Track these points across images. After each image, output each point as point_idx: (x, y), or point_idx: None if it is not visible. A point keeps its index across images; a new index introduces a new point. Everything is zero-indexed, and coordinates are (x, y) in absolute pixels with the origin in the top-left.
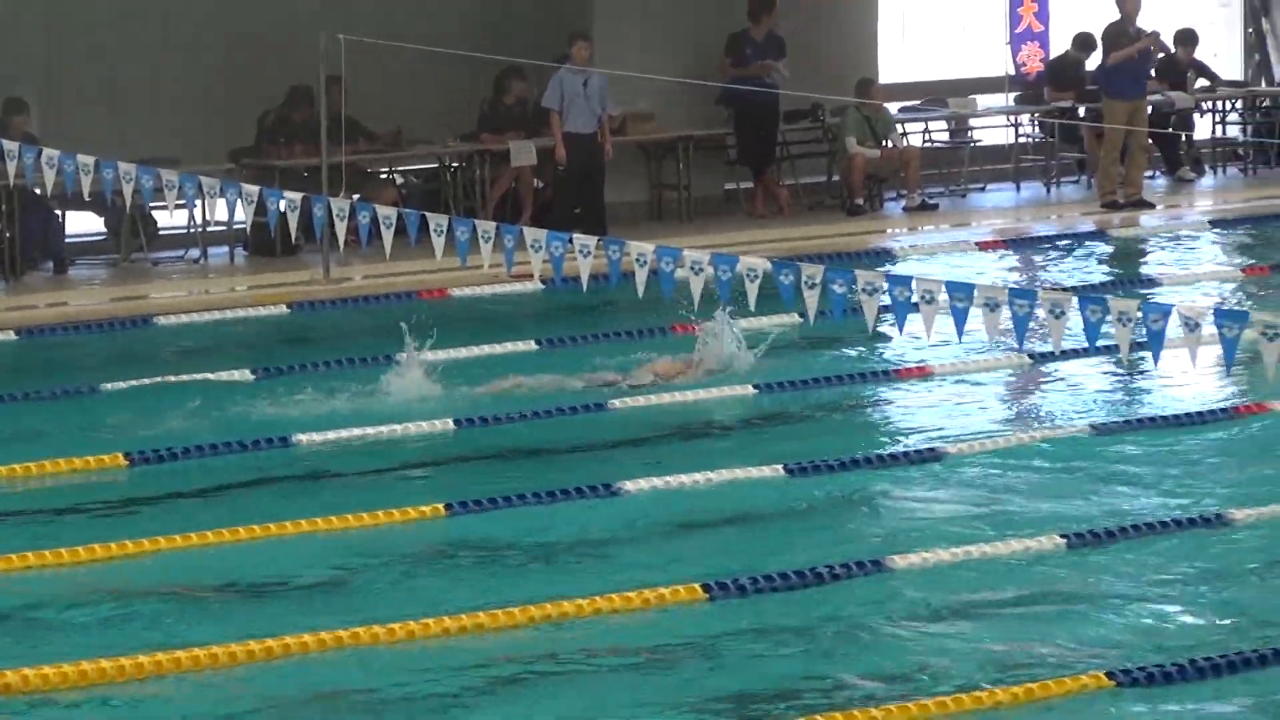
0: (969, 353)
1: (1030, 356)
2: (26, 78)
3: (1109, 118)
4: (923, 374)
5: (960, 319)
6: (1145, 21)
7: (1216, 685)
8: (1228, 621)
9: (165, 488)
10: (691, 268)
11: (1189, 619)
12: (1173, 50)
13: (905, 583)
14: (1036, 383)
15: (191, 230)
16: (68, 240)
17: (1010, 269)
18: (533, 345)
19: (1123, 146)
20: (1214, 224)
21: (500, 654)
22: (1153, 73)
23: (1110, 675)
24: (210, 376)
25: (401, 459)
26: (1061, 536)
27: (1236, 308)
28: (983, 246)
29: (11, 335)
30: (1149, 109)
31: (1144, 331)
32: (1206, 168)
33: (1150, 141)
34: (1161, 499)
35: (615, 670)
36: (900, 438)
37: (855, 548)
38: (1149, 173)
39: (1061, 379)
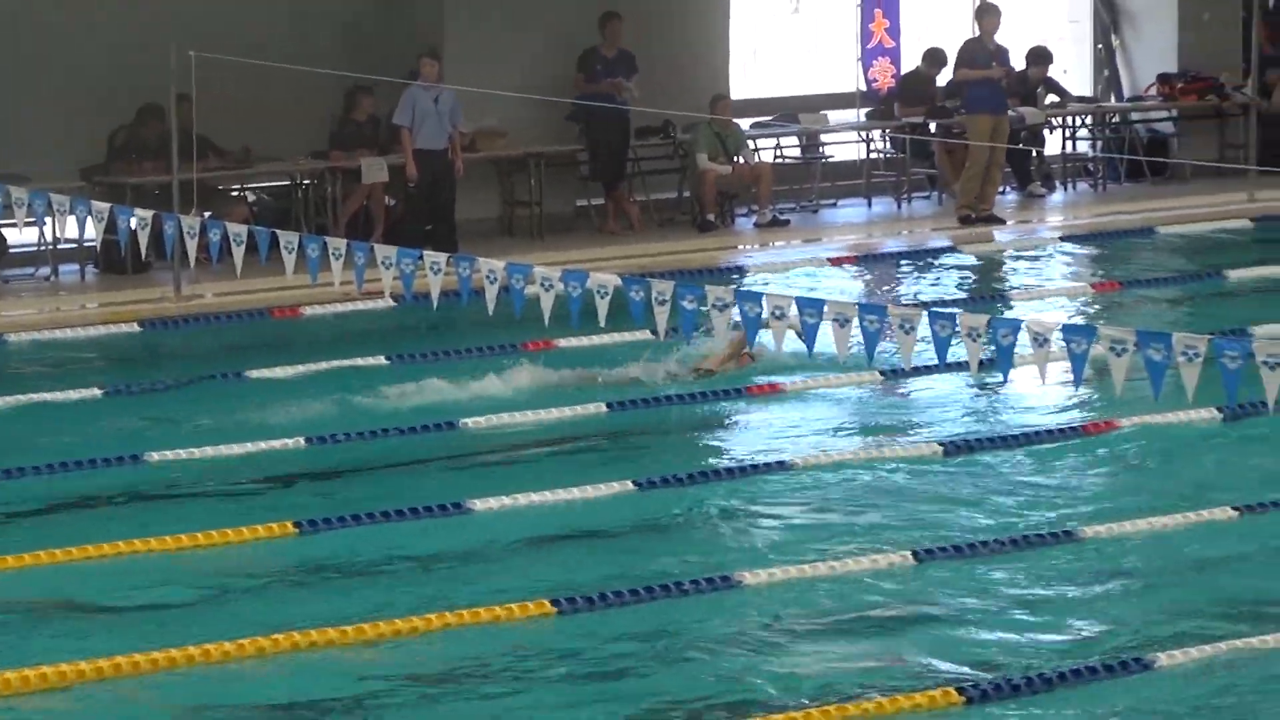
0: (820, 369)
1: (881, 372)
2: None
3: (972, 133)
4: (774, 390)
5: (810, 335)
6: (1004, 38)
7: (1064, 699)
8: (1076, 636)
9: (8, 506)
10: (542, 284)
11: (1038, 634)
12: (1022, 69)
13: (755, 597)
14: (887, 398)
15: (42, 248)
16: None
17: (861, 284)
18: (383, 361)
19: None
20: (1064, 239)
21: (350, 671)
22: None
23: (959, 690)
24: (60, 395)
25: (252, 477)
26: (910, 552)
27: (1085, 323)
28: (834, 262)
29: None
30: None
31: (993, 347)
32: (1057, 183)
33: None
34: (1010, 515)
35: (465, 686)
36: (750, 453)
37: (705, 563)
38: (1001, 189)
39: (912, 394)
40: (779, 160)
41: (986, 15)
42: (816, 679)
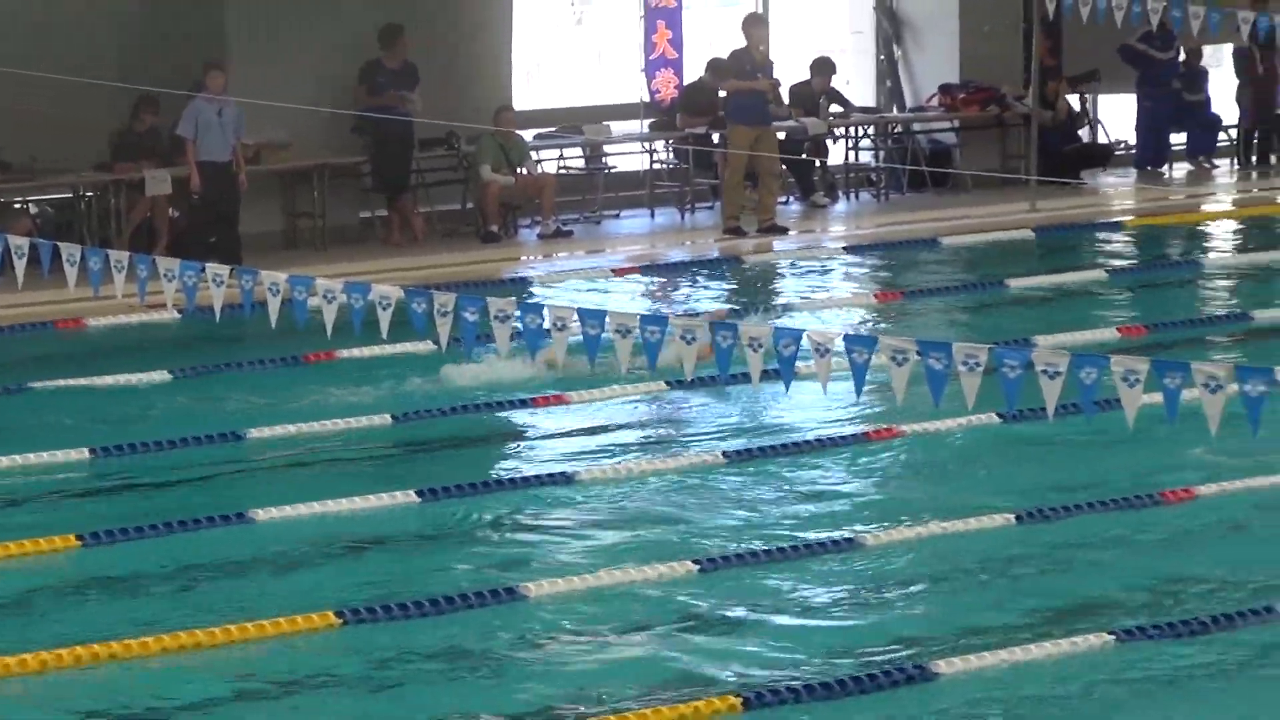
0: (605, 379)
1: (666, 383)
2: None
3: (734, 144)
4: (559, 401)
5: (593, 346)
6: (786, 48)
7: (847, 706)
8: (859, 643)
9: None
10: (325, 296)
11: (820, 641)
12: (805, 79)
13: (539, 608)
14: (671, 409)
15: None
16: None
17: (645, 295)
18: (167, 375)
19: (752, 173)
20: (848, 249)
21: (134, 684)
22: (786, 99)
23: (741, 698)
24: None
25: (33, 489)
26: (694, 561)
27: (867, 333)
28: (618, 273)
29: None
30: (783, 135)
31: (776, 357)
32: (840, 193)
33: (784, 167)
34: (793, 522)
35: (248, 700)
36: (535, 464)
37: (489, 574)
38: (783, 198)
39: (695, 405)
40: (562, 171)
41: (754, 27)
42: (600, 688)
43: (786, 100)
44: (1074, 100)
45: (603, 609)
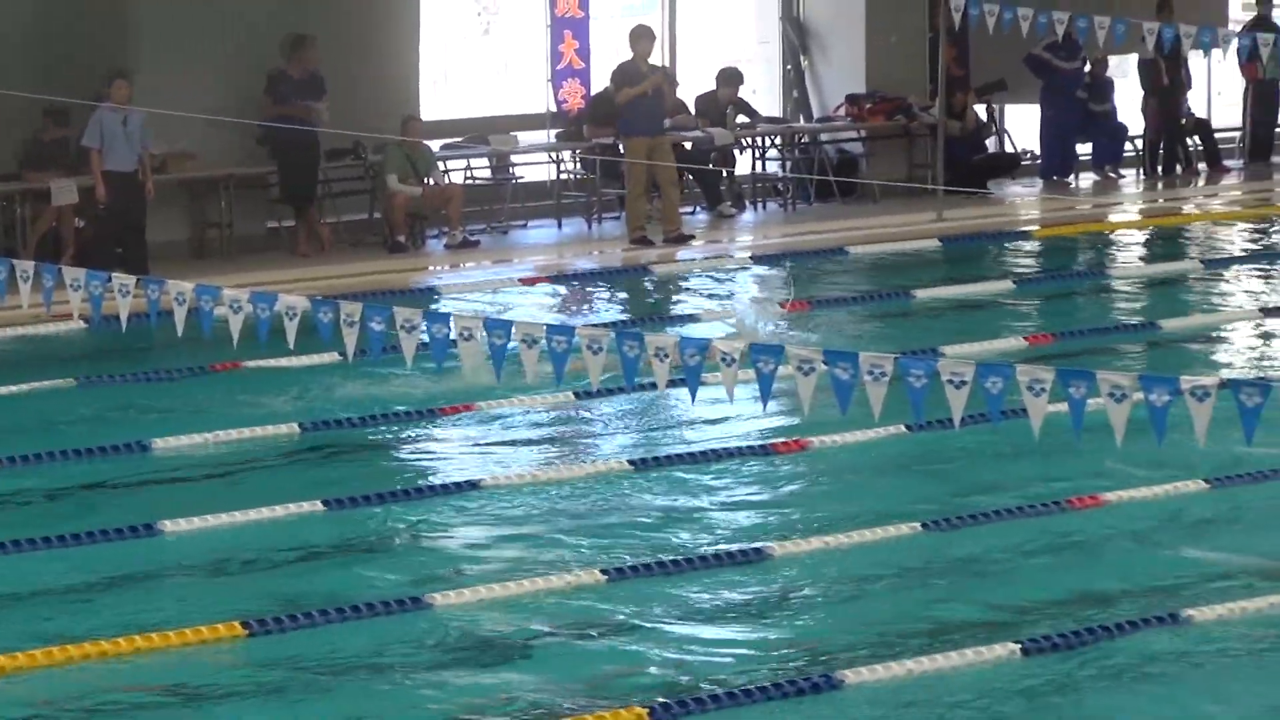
0: (512, 389)
1: (574, 393)
2: None
3: (630, 156)
4: (467, 410)
5: (499, 356)
6: (693, 59)
7: (754, 716)
8: (766, 653)
9: None
10: (230, 306)
11: (728, 652)
12: (711, 89)
13: (446, 618)
14: (579, 418)
15: None
16: None
17: (552, 305)
18: (73, 383)
19: (653, 184)
20: (755, 259)
21: (35, 696)
22: (693, 109)
23: (648, 709)
24: None
25: None
26: (602, 571)
27: (774, 343)
28: (525, 283)
29: None
30: (689, 145)
31: (683, 367)
32: (747, 203)
33: (690, 177)
34: (700, 533)
35: (154, 710)
36: (442, 473)
37: (396, 584)
38: (690, 208)
39: (602, 414)
40: (469, 181)
41: (639, 39)
42: (508, 698)
43: (693, 110)
44: (981, 110)
45: (509, 619)
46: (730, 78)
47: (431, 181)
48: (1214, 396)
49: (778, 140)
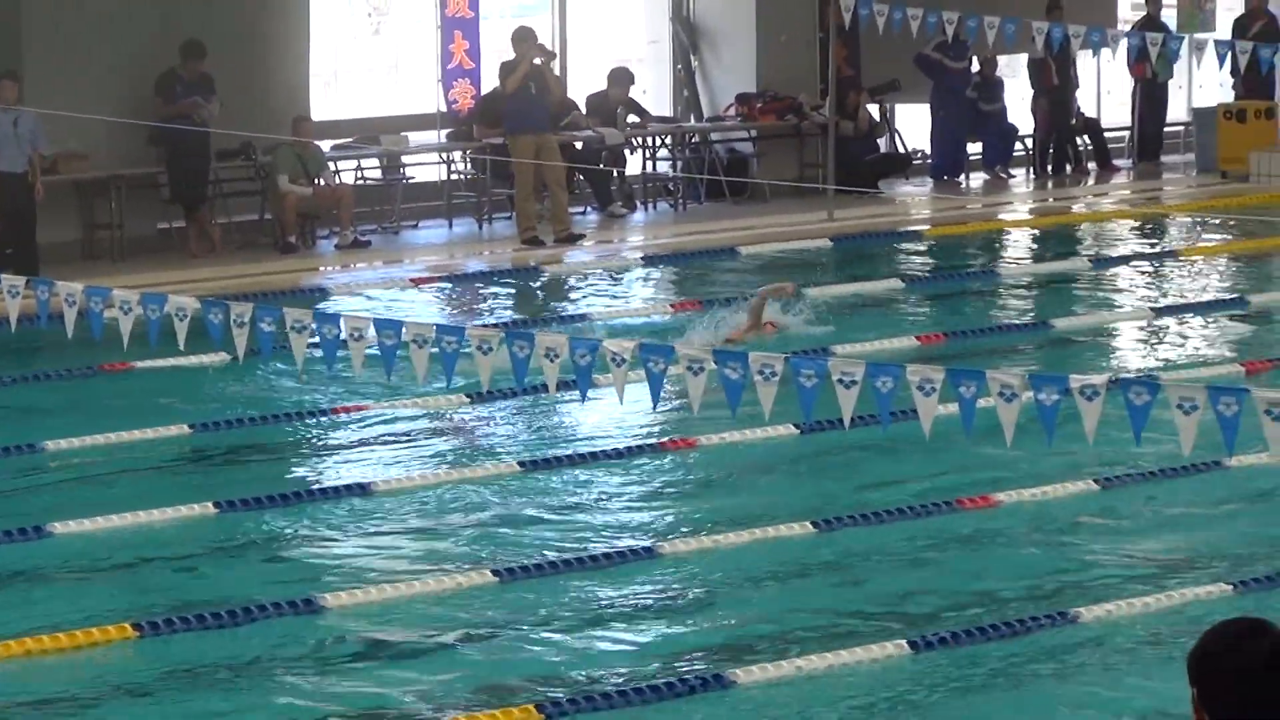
0: (403, 390)
1: (467, 395)
2: None
3: (515, 154)
4: (359, 410)
5: (389, 356)
6: (583, 59)
7: (645, 715)
8: (657, 653)
9: None
10: (121, 307)
11: (620, 651)
12: (602, 89)
13: (337, 619)
14: (468, 419)
15: None
16: None
17: (443, 306)
18: None
19: (543, 184)
20: (646, 259)
21: None
22: (583, 109)
23: (539, 708)
24: None
25: None
26: (493, 572)
27: (663, 343)
28: (416, 283)
29: None
30: (578, 145)
31: (573, 367)
32: (638, 203)
33: (581, 177)
34: (591, 532)
35: (44, 712)
36: (333, 475)
37: (287, 585)
38: (581, 209)
39: (493, 415)
40: (360, 182)
41: (521, 41)
42: (400, 699)
43: (584, 110)
44: (873, 110)
45: (401, 619)
46: (620, 78)
47: (322, 182)
48: (1103, 395)
49: (668, 140)
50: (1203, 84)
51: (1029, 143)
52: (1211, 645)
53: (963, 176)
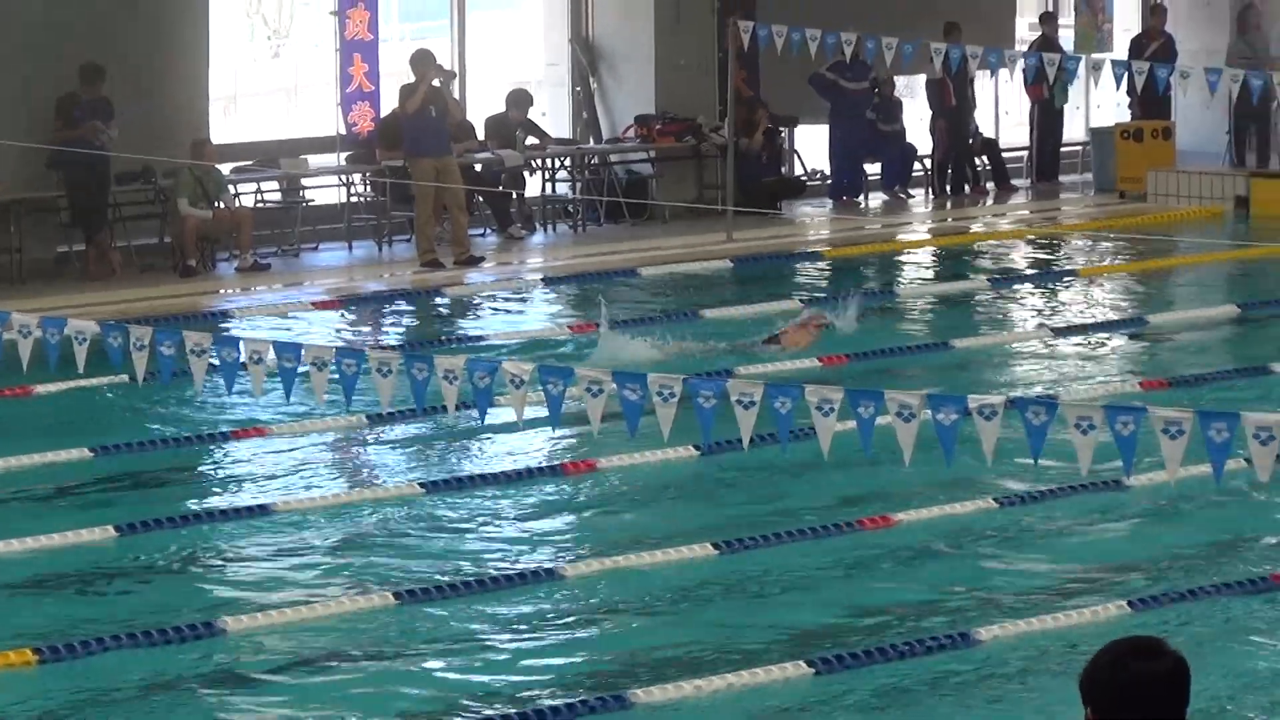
0: (304, 413)
1: (367, 417)
2: None
3: (416, 177)
4: (260, 434)
5: (289, 379)
6: (481, 80)
7: None
8: (558, 674)
9: None
10: (20, 331)
11: (520, 671)
12: (501, 111)
13: (239, 642)
14: (369, 441)
15: None
16: None
17: (343, 328)
18: None
19: (443, 206)
20: (546, 281)
21: None
22: (482, 132)
23: None
24: None
25: None
26: (394, 595)
27: (562, 365)
28: (317, 306)
29: None
30: (477, 167)
31: (471, 389)
32: (537, 225)
33: (480, 199)
34: (492, 554)
35: None
36: (236, 496)
37: (188, 608)
38: (480, 231)
39: (394, 436)
40: (260, 204)
41: (419, 63)
42: None
43: (481, 135)
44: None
45: (302, 642)
46: (519, 99)
47: (222, 205)
48: (1001, 415)
49: (567, 162)
50: (1100, 104)
51: (928, 163)
52: (1104, 665)
53: (862, 197)
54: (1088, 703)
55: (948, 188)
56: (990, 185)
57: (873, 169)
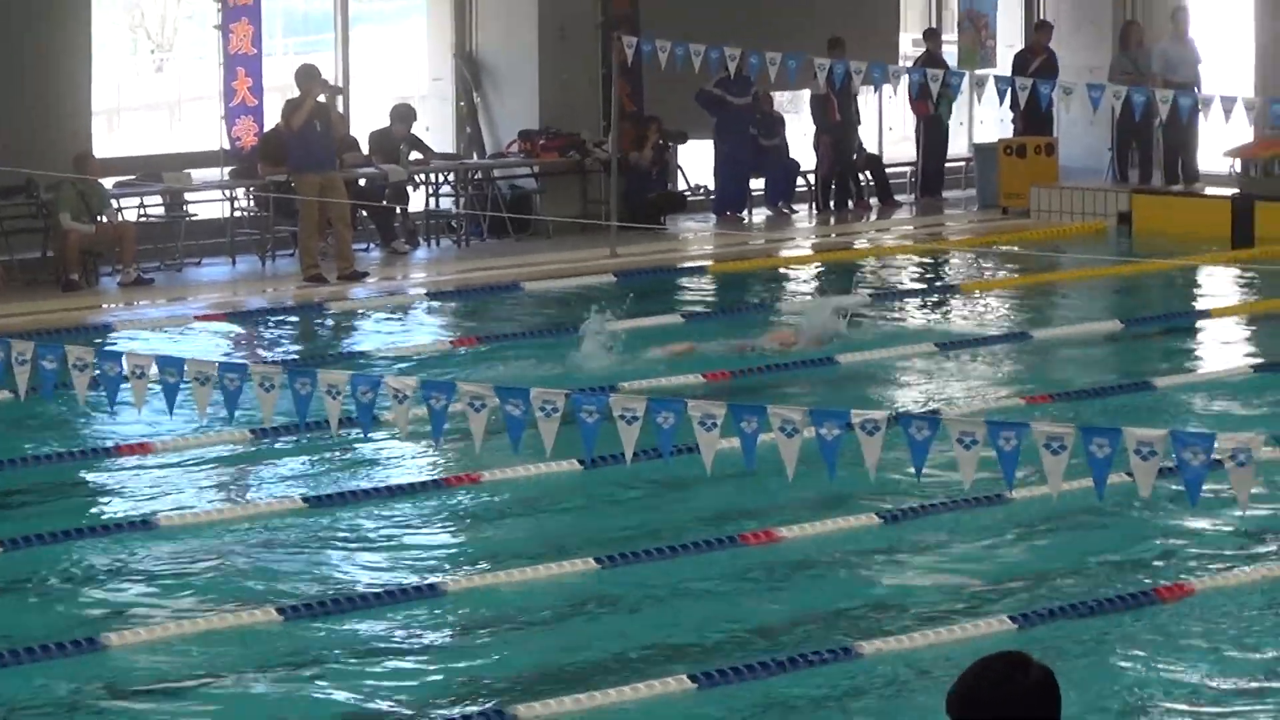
0: (188, 428)
1: (252, 431)
2: None
3: (301, 192)
4: (144, 449)
5: (172, 394)
6: (365, 94)
7: None
8: (442, 689)
9: None
10: None
11: (403, 687)
12: (385, 126)
13: (120, 659)
14: (253, 456)
15: None
16: None
17: (227, 343)
18: None
19: (327, 221)
20: (430, 296)
21: None
22: (366, 146)
23: None
24: None
25: None
26: (277, 610)
27: (445, 379)
28: (200, 320)
29: None
30: (361, 182)
31: (355, 404)
32: (421, 240)
33: (364, 214)
34: (375, 569)
35: None
36: (118, 512)
37: (69, 625)
38: (364, 245)
39: (276, 451)
40: (143, 219)
41: (305, 78)
42: None
43: (365, 150)
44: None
45: (183, 658)
46: (403, 114)
47: (105, 219)
48: (884, 430)
49: (451, 177)
50: (984, 120)
51: (812, 179)
52: (969, 682)
53: (746, 212)
54: None
55: (832, 203)
56: (874, 201)
57: (757, 184)
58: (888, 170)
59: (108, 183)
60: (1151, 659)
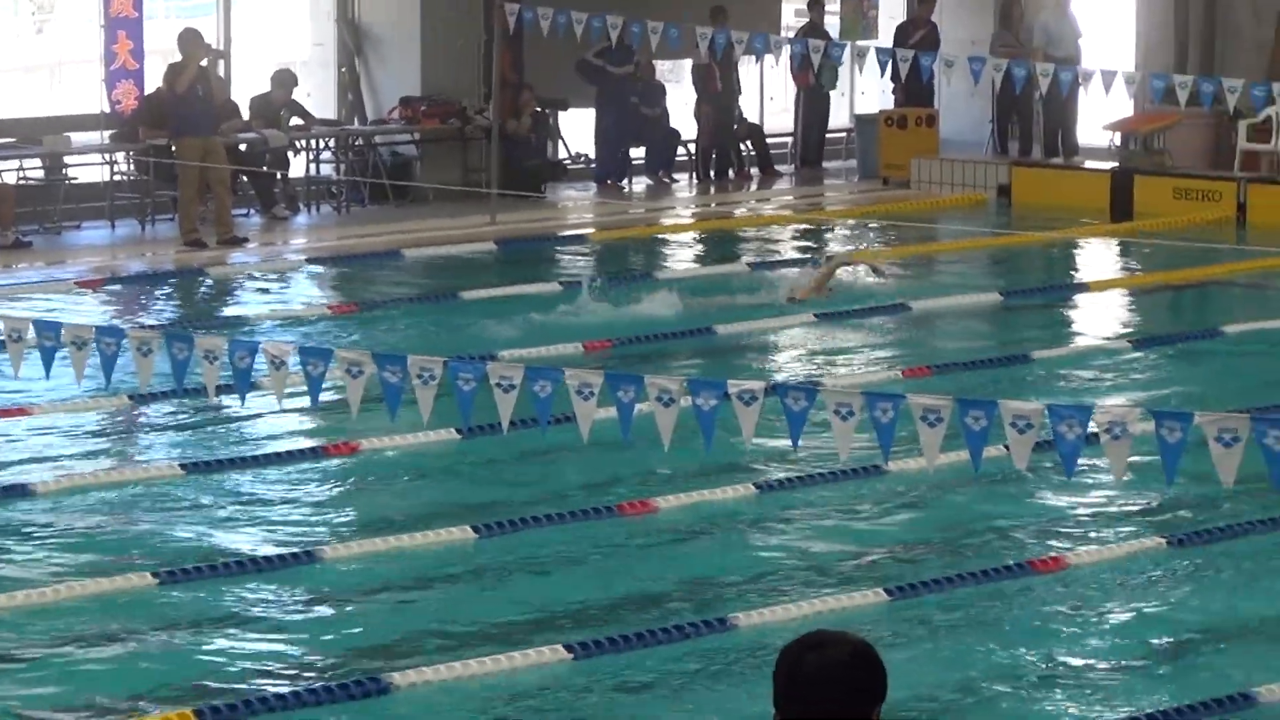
0: (66, 393)
1: (128, 396)
2: None
3: (182, 156)
4: (21, 414)
5: (48, 357)
6: (247, 60)
7: (306, 718)
8: (319, 656)
9: None
10: None
11: (280, 655)
12: (266, 91)
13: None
14: (132, 421)
15: None
16: None
17: (105, 308)
18: None
19: (206, 186)
20: (310, 261)
21: None
22: (246, 111)
23: (196, 713)
24: None
25: None
26: (153, 574)
27: (322, 345)
28: (81, 285)
29: None
30: (242, 147)
31: (232, 370)
32: (301, 206)
33: (244, 179)
34: (254, 535)
35: None
36: None
37: None
38: (244, 211)
39: (156, 417)
40: (21, 182)
41: (188, 43)
42: (50, 705)
43: (246, 115)
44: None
45: (61, 623)
46: (284, 80)
47: None
48: (761, 401)
49: (332, 143)
50: (865, 91)
51: (692, 148)
52: (779, 663)
53: (626, 181)
54: (774, 704)
55: (712, 173)
56: (755, 171)
57: (638, 153)
58: (769, 140)
59: None
60: (1025, 631)
